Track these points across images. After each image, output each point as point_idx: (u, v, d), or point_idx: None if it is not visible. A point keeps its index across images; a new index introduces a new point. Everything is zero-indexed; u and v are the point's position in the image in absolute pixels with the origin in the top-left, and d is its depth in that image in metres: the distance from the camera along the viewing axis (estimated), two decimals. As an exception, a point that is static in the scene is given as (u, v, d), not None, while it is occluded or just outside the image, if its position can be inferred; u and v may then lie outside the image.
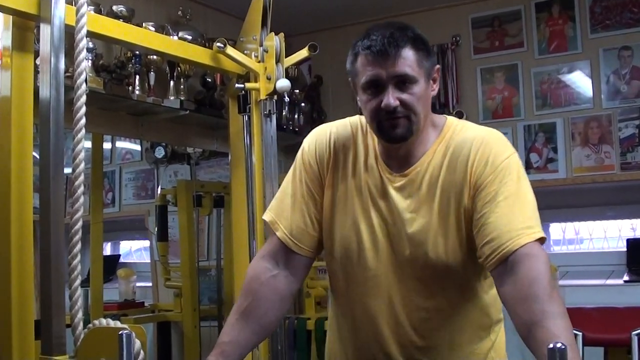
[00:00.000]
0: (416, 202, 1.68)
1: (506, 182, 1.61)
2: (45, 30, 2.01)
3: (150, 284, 5.15)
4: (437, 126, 1.76)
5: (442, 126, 1.76)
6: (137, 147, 5.38)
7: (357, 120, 1.83)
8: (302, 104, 4.50)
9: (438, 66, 1.75)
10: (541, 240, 1.56)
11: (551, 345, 1.00)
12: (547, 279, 1.49)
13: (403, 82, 1.62)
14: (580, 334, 2.99)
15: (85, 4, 1.97)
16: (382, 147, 1.74)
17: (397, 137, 1.66)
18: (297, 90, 4.41)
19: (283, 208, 1.79)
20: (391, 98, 1.61)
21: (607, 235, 4.61)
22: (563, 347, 1.00)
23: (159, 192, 4.74)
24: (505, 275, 1.53)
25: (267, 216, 1.81)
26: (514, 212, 1.57)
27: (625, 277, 4.06)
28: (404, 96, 1.63)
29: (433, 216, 1.66)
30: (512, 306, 1.51)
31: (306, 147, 1.82)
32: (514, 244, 1.53)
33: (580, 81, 4.27)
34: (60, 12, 2.02)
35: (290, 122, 4.38)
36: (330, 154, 1.78)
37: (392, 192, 1.70)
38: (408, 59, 1.62)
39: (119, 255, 6.00)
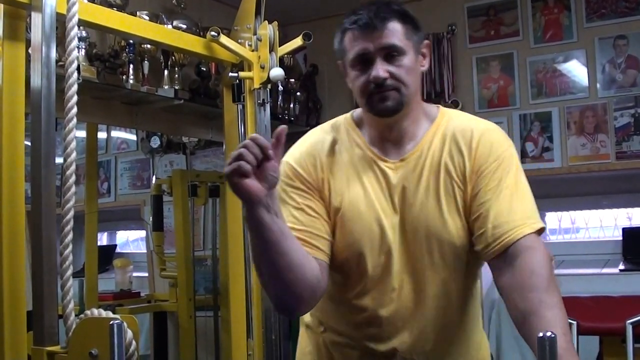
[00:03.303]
0: (420, 188, 1.66)
1: (508, 172, 1.63)
2: (36, 18, 2.00)
3: (147, 274, 5.14)
4: (430, 114, 1.75)
5: (436, 114, 1.75)
6: (133, 137, 5.37)
7: (331, 125, 1.79)
8: (298, 93, 4.49)
9: (427, 41, 1.73)
10: (540, 231, 1.58)
11: (541, 334, 1.00)
12: (546, 270, 1.51)
13: (391, 54, 1.62)
14: (575, 323, 2.99)
15: (77, -7, 1.96)
16: (375, 130, 1.72)
17: (388, 109, 1.64)
18: (293, 80, 4.40)
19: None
20: (380, 70, 1.60)
21: (602, 224, 4.60)
22: (553, 335, 0.99)
23: (154, 181, 4.73)
24: (505, 265, 1.54)
25: None
26: (515, 203, 1.59)
27: (621, 266, 4.06)
28: (393, 68, 1.62)
29: (441, 201, 1.64)
30: (509, 295, 1.52)
31: (289, 173, 1.71)
32: (516, 234, 1.54)
33: (575, 70, 4.26)
34: (52, 0, 2.01)
35: (286, 112, 4.37)
36: (318, 170, 1.71)
37: (393, 180, 1.67)
38: (395, 31, 1.62)
39: (115, 245, 6.00)
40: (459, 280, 1.70)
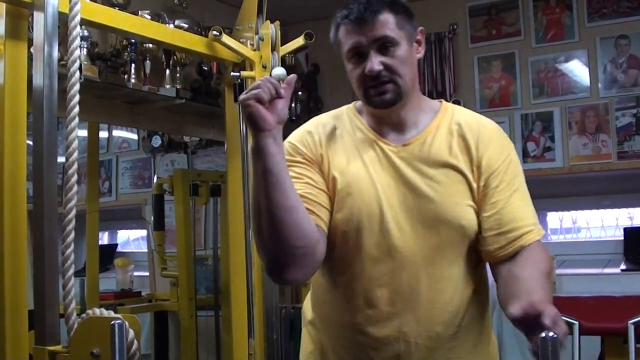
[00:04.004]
0: (426, 172, 1.67)
1: (516, 175, 1.70)
2: (38, 18, 2.00)
3: (148, 274, 5.14)
4: (433, 107, 1.79)
5: (439, 108, 1.79)
6: (134, 136, 5.37)
7: (334, 112, 1.84)
8: (299, 93, 4.49)
9: (421, 28, 1.76)
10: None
11: (543, 335, 1.00)
12: (545, 265, 1.62)
13: (384, 45, 1.65)
14: (577, 323, 2.99)
15: (79, -8, 1.96)
16: (375, 118, 1.75)
17: (385, 102, 1.68)
18: (294, 79, 4.39)
19: None
20: (374, 63, 1.64)
21: (604, 224, 4.61)
22: (555, 336, 0.99)
23: (155, 181, 4.73)
24: (510, 263, 1.63)
25: None
26: (525, 207, 1.68)
27: (622, 266, 4.06)
28: (387, 60, 1.65)
29: (448, 186, 1.66)
30: (504, 283, 1.61)
31: (289, 149, 1.73)
32: (527, 239, 1.64)
33: (577, 70, 4.26)
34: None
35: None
36: (317, 146, 1.74)
37: (396, 162, 1.69)
38: (387, 22, 1.65)
39: (117, 245, 6.00)
40: (462, 264, 1.70)
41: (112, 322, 1.38)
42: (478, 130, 1.72)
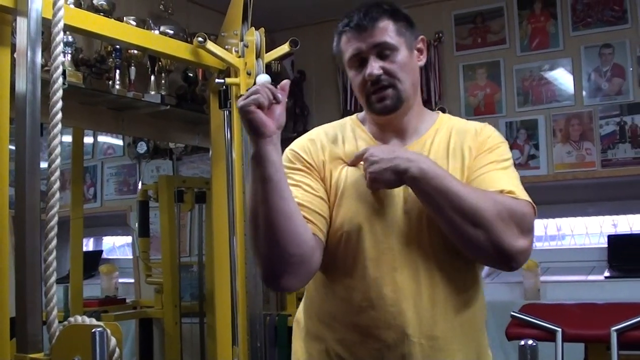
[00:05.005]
0: None
1: (504, 159, 1.72)
2: (22, 23, 2.00)
3: (133, 281, 5.12)
4: (432, 116, 1.83)
5: (437, 117, 1.83)
6: (119, 142, 5.35)
7: (336, 122, 1.86)
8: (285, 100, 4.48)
9: (422, 37, 1.81)
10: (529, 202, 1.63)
11: (522, 343, 1.00)
12: (511, 205, 1.58)
13: (384, 51, 1.69)
14: (560, 330, 3.00)
15: (62, -2, 1.96)
16: (377, 126, 1.77)
17: (387, 108, 1.70)
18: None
19: None
20: (374, 68, 1.67)
21: (588, 231, 4.63)
22: (534, 344, 1.00)
23: (140, 187, 4.72)
24: None
25: None
26: (510, 180, 1.66)
27: (606, 273, 4.08)
28: (387, 65, 1.68)
29: None
30: None
31: (290, 157, 1.75)
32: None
33: (561, 78, 4.28)
34: (37, 5, 2.01)
35: (273, 118, 4.36)
36: (319, 152, 1.75)
37: None
38: (386, 29, 1.69)
39: (102, 251, 5.97)
40: (462, 265, 1.70)
41: (93, 330, 1.37)
42: (474, 130, 1.76)
